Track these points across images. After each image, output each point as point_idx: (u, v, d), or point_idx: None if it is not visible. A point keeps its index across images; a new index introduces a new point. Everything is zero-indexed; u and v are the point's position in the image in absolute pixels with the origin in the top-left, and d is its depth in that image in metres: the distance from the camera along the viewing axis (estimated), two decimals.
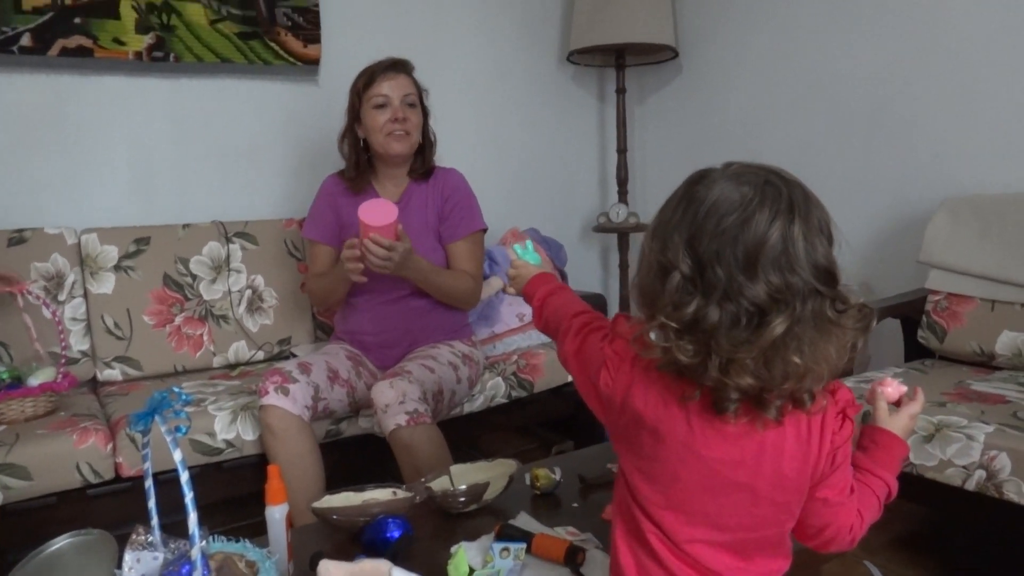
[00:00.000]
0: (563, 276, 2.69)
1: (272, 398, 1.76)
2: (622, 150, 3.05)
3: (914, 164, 2.38)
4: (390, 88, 1.95)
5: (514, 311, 2.43)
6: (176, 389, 0.94)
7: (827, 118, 2.58)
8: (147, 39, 2.34)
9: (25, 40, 2.19)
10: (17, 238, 2.11)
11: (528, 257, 1.31)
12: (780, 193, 0.78)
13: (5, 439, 1.69)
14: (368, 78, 1.98)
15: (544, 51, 3.15)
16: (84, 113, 2.32)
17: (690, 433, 0.83)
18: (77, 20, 2.24)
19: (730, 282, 0.75)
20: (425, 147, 2.06)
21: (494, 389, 2.15)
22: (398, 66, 1.98)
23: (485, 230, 2.10)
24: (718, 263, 0.76)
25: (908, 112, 2.38)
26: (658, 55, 2.97)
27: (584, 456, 1.63)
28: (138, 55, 2.34)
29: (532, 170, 3.12)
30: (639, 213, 3.05)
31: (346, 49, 2.65)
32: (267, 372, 1.82)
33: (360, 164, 2.07)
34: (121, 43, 2.31)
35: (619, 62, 2.98)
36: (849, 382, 1.86)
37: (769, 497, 0.85)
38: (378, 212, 1.75)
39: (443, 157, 2.16)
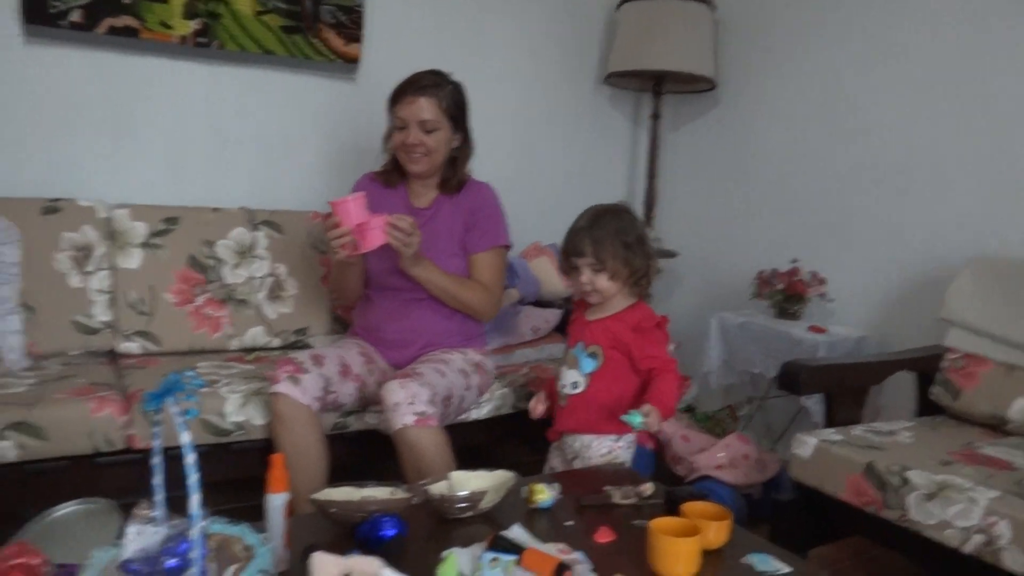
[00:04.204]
0: None
1: (283, 386, 1.79)
2: (652, 175, 3.06)
3: (943, 219, 2.36)
4: (407, 112, 1.97)
5: (529, 323, 2.45)
6: (190, 373, 0.97)
7: (860, 162, 2.57)
8: (193, 24, 2.40)
9: (75, 16, 2.25)
10: (51, 207, 2.17)
11: (634, 420, 1.53)
12: None
13: (26, 399, 1.74)
14: (393, 97, 2.00)
15: (583, 71, 3.18)
16: (125, 92, 2.38)
17: None
18: (127, 1, 2.30)
19: None
20: (456, 162, 2.08)
21: (502, 399, 2.17)
22: (419, 88, 1.96)
23: (508, 247, 2.12)
24: None
25: (940, 167, 2.37)
26: (696, 85, 2.99)
27: (582, 476, 1.64)
28: (183, 39, 2.39)
29: (561, 187, 3.15)
30: (663, 238, 3.07)
31: (386, 51, 2.70)
32: (280, 360, 1.86)
33: (393, 167, 2.10)
34: (168, 26, 2.37)
35: (656, 88, 3.00)
36: (857, 430, 1.87)
37: None
38: (351, 202, 1.76)
39: (474, 166, 2.19)
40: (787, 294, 2.52)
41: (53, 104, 2.30)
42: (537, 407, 1.82)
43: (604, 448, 1.72)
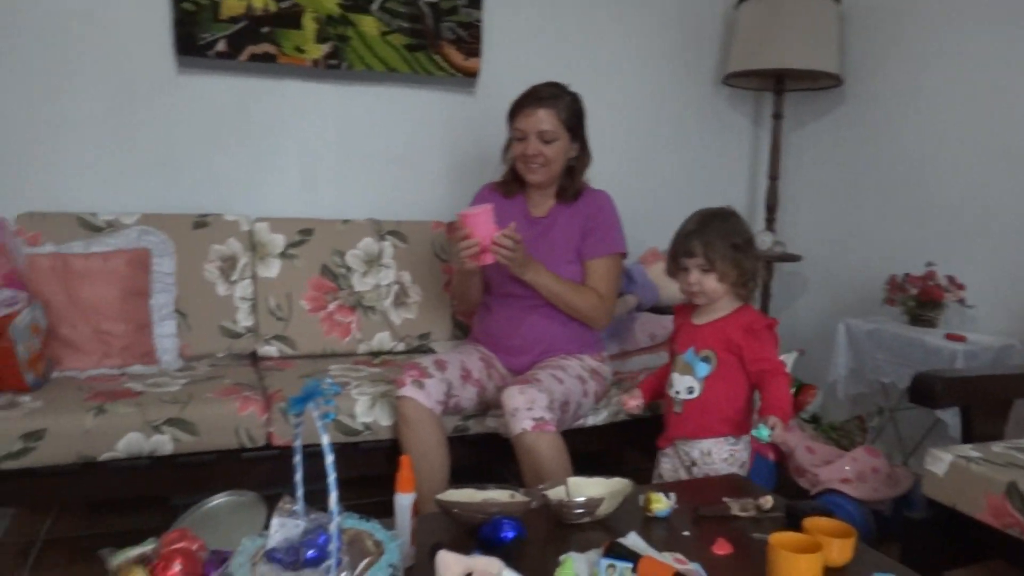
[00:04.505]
0: None
1: (409, 390, 1.88)
2: (774, 177, 2.98)
3: None
4: (525, 123, 2.02)
5: (647, 330, 2.45)
6: (329, 381, 1.05)
7: (1005, 163, 2.40)
8: (324, 48, 2.55)
9: (220, 46, 2.44)
10: (200, 222, 2.36)
11: (762, 435, 1.54)
12: None
13: (180, 397, 1.91)
14: (512, 110, 2.06)
15: (700, 72, 3.14)
16: (265, 113, 2.57)
17: None
18: (265, 29, 2.48)
19: None
20: (573, 171, 2.11)
21: (619, 405, 2.18)
22: (538, 99, 2.01)
23: (624, 255, 2.13)
24: None
25: None
26: (820, 82, 2.89)
27: (700, 486, 1.63)
28: (315, 62, 2.55)
29: (680, 191, 3.12)
30: (786, 242, 2.98)
31: (503, 63, 2.77)
32: (406, 365, 1.95)
33: (512, 177, 2.16)
34: (302, 51, 2.53)
35: (778, 87, 2.92)
36: (998, 446, 1.76)
37: None
38: (478, 210, 1.85)
39: (592, 173, 2.20)
40: (921, 300, 2.39)
41: (201, 127, 2.51)
42: (631, 402, 1.82)
43: (725, 452, 1.72)
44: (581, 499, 1.39)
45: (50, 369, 2.06)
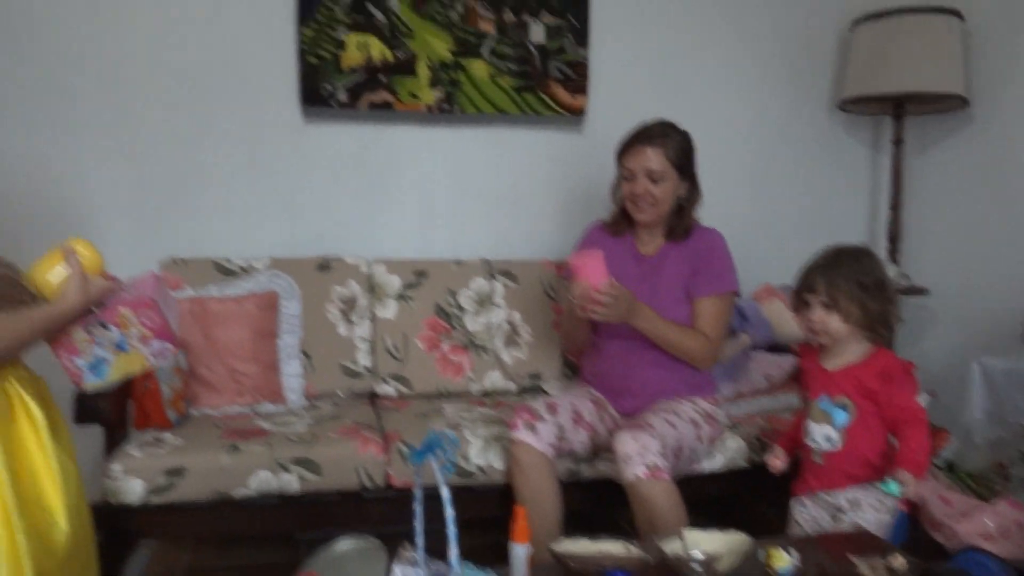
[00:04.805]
0: None
1: (521, 433, 1.91)
2: (895, 206, 2.85)
3: None
4: (634, 162, 2.03)
5: (762, 370, 2.39)
6: (449, 433, 1.09)
7: None
8: (437, 93, 2.64)
9: (342, 96, 2.57)
10: (323, 265, 2.49)
11: (892, 490, 1.54)
12: None
13: (305, 437, 2.01)
14: (621, 149, 2.07)
15: (814, 98, 3.05)
16: (382, 158, 2.68)
17: None
18: (382, 78, 2.60)
19: None
20: (683, 209, 2.10)
21: (735, 451, 2.13)
22: (646, 139, 2.02)
23: (735, 293, 2.09)
24: None
25: None
26: (944, 104, 2.75)
27: (824, 542, 1.57)
28: (429, 108, 2.65)
29: (794, 223, 3.03)
30: (911, 274, 2.84)
31: (610, 100, 2.79)
32: (518, 408, 1.97)
33: (621, 215, 2.17)
34: (416, 97, 2.63)
35: (898, 111, 2.80)
36: None
37: None
38: (588, 257, 1.87)
39: (702, 210, 2.17)
40: None
41: (324, 173, 2.64)
42: (776, 463, 1.80)
43: (873, 499, 1.66)
44: (700, 556, 1.37)
45: (189, 407, 2.21)
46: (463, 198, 2.75)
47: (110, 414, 1.90)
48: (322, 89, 2.55)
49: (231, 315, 2.31)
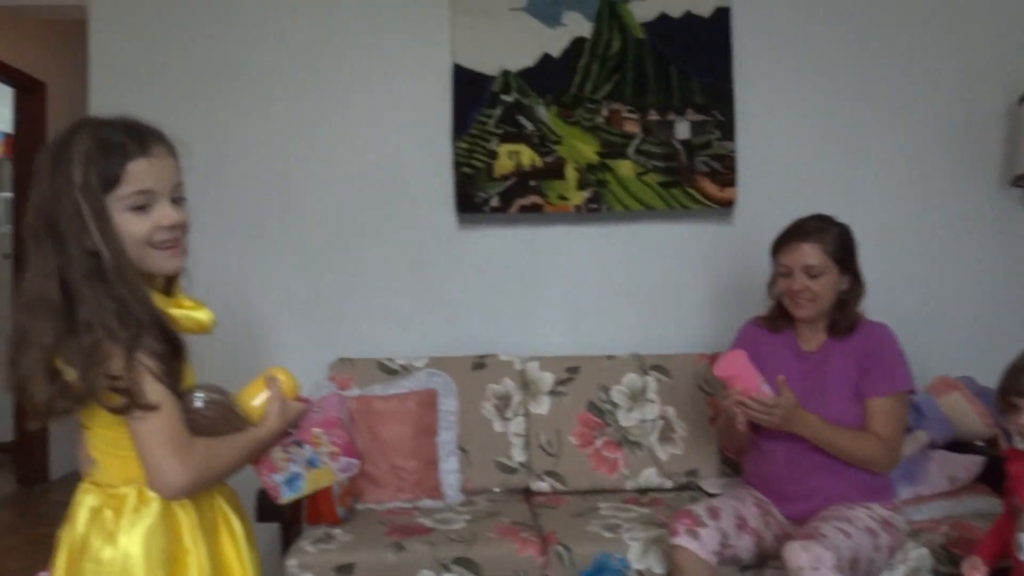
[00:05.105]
0: (1005, 431, 2.36)
1: (683, 539, 1.85)
2: None
3: None
4: (790, 259, 1.99)
5: (944, 471, 2.20)
6: (619, 557, 1.09)
7: None
8: (585, 194, 2.73)
9: (494, 201, 2.71)
10: (479, 363, 2.57)
11: None
12: None
13: (465, 535, 2.05)
14: (776, 244, 2.04)
15: (982, 177, 2.87)
16: (532, 258, 2.78)
17: None
18: (532, 183, 2.72)
19: None
20: (845, 304, 2.02)
21: (918, 561, 1.96)
22: (802, 234, 1.99)
23: (911, 392, 1.97)
24: None
25: None
26: None
27: None
28: (577, 208, 2.73)
29: (967, 309, 2.82)
30: None
31: (761, 190, 2.76)
32: (678, 513, 1.92)
33: (779, 311, 2.12)
34: (564, 198, 2.73)
35: None
36: None
37: None
38: (730, 364, 1.83)
39: (867, 303, 2.08)
40: None
41: (477, 275, 2.77)
42: (973, 573, 1.64)
43: None
44: None
45: (355, 502, 2.32)
46: (613, 294, 2.78)
47: (287, 512, 2.03)
48: (476, 196, 2.70)
49: (393, 413, 2.43)
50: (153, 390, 1.07)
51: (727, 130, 2.74)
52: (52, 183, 1.08)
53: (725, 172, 2.76)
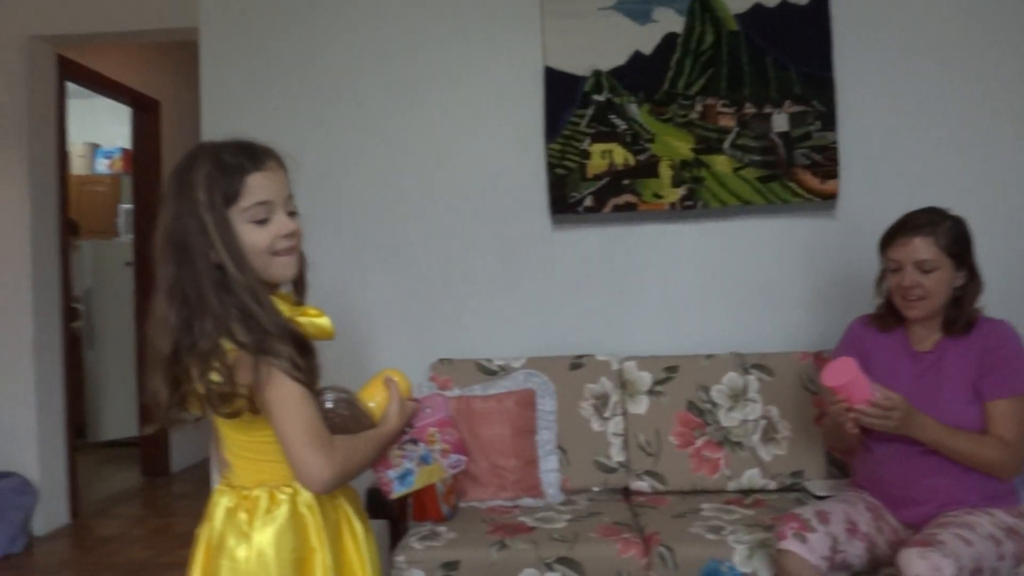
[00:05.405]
0: None
1: (790, 543, 1.81)
2: None
3: None
4: (900, 253, 1.90)
5: None
6: (728, 564, 1.08)
7: None
8: (680, 191, 2.70)
9: (588, 201, 2.71)
10: (576, 363, 2.59)
11: None
12: None
13: (567, 535, 2.07)
14: (885, 239, 1.96)
15: None
16: (627, 257, 2.77)
17: None
18: (626, 182, 2.70)
19: None
20: (962, 301, 1.93)
21: None
22: (913, 227, 1.90)
23: None
24: None
25: None
26: None
27: None
28: (672, 205, 2.70)
29: None
30: None
31: (865, 182, 2.67)
32: (786, 517, 1.88)
33: (889, 310, 2.04)
34: (659, 196, 2.70)
35: None
36: None
37: None
38: (840, 372, 1.74)
39: (986, 300, 1.97)
40: None
41: (572, 275, 2.78)
42: None
43: None
44: None
45: (458, 500, 2.37)
46: (711, 291, 2.74)
47: (395, 509, 2.10)
48: (569, 197, 2.71)
49: (492, 413, 2.47)
50: (290, 390, 1.13)
51: (828, 120, 2.66)
52: (177, 205, 1.17)
53: (827, 164, 2.67)
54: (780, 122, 2.67)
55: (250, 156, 1.20)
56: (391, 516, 2.15)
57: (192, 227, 1.15)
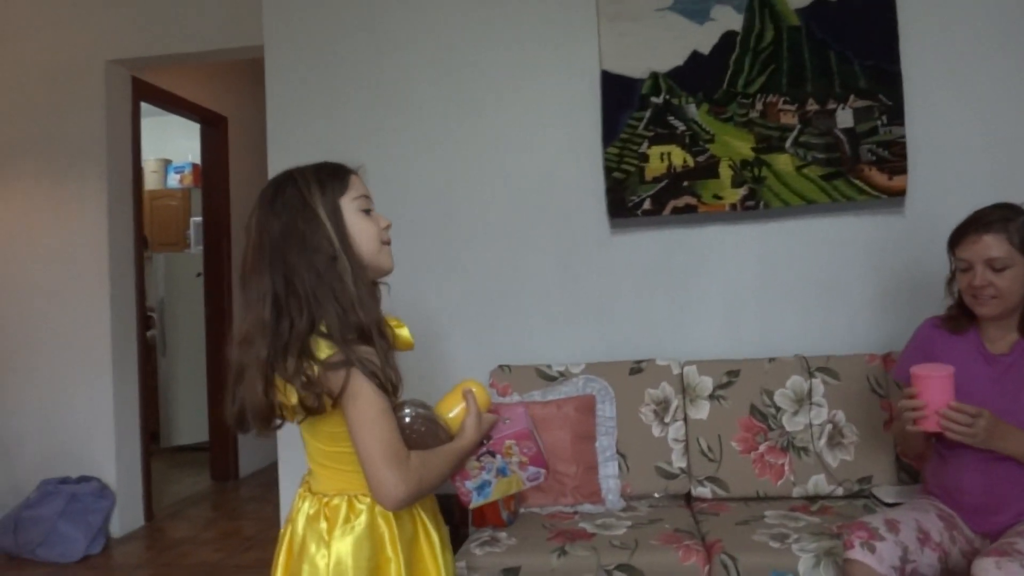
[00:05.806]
0: None
1: (858, 553, 1.76)
2: None
3: None
4: (971, 252, 1.82)
5: None
6: (792, 575, 1.06)
7: None
8: (741, 192, 2.65)
9: (646, 204, 2.69)
10: (636, 368, 2.56)
11: None
12: None
13: (627, 542, 2.06)
14: (953, 238, 1.88)
15: None
16: (687, 260, 2.73)
17: None
18: (685, 184, 2.67)
19: None
20: None
21: None
22: (983, 225, 1.82)
23: None
24: None
25: None
26: None
27: None
28: (733, 206, 2.66)
29: None
30: None
31: (935, 178, 2.58)
32: (853, 525, 1.83)
33: (961, 310, 1.96)
34: (719, 197, 2.66)
35: None
36: None
37: None
38: (932, 368, 1.71)
39: None
40: None
41: (631, 279, 2.76)
42: None
43: None
44: None
45: (518, 506, 2.38)
46: (773, 293, 2.68)
47: (456, 515, 2.12)
48: (628, 200, 2.70)
49: (552, 418, 2.47)
50: (371, 404, 1.16)
51: (895, 114, 2.57)
52: (279, 212, 1.22)
53: (894, 159, 2.58)
54: (844, 118, 2.60)
55: (341, 165, 1.31)
56: (451, 522, 2.16)
57: (301, 226, 1.20)
